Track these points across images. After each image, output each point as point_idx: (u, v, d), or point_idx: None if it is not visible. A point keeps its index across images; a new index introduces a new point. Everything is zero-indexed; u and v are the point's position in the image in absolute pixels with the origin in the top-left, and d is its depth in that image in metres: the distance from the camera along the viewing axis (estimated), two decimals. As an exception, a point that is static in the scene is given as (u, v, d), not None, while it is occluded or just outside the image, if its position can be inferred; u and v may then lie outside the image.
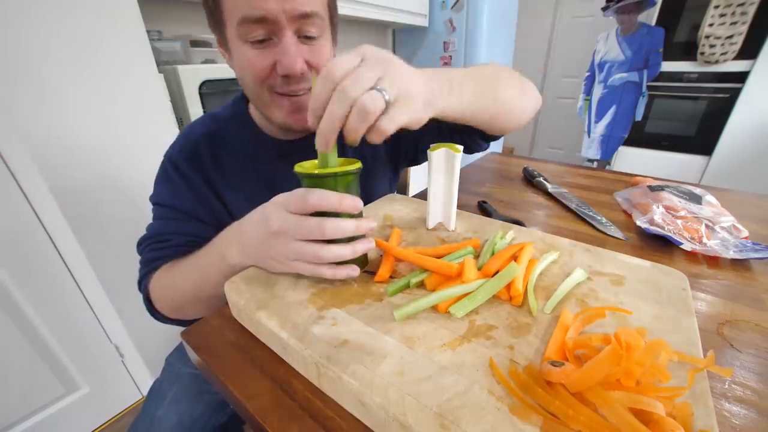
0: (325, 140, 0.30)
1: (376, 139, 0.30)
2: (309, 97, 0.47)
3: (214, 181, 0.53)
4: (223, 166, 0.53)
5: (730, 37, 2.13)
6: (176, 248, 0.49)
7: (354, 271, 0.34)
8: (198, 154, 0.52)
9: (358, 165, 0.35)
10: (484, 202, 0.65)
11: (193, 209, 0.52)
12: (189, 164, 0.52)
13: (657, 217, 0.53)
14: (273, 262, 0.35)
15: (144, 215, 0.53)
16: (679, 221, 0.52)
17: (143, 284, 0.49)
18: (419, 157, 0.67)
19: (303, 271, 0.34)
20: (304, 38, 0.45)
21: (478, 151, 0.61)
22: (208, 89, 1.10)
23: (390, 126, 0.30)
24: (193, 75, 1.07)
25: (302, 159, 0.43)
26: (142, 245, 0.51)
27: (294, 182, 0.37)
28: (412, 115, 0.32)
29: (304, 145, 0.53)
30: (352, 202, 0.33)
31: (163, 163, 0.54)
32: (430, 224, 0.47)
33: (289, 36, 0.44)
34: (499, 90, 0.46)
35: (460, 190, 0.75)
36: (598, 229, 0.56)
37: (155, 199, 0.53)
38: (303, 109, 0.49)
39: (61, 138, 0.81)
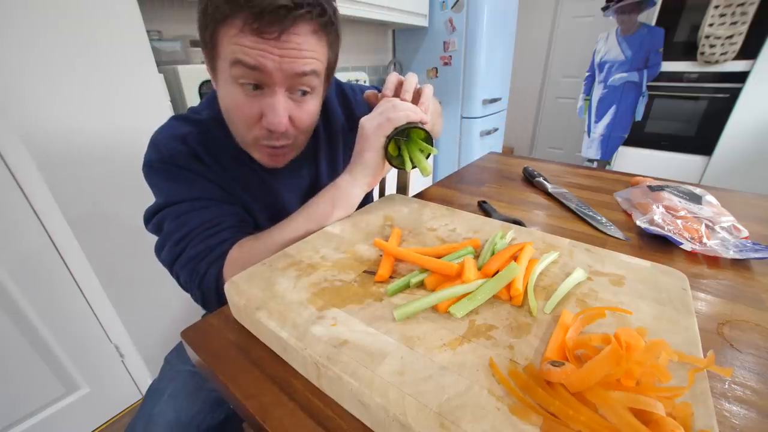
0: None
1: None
2: (289, 148, 0.52)
3: (214, 172, 0.52)
4: (215, 164, 0.52)
5: (730, 37, 2.13)
6: (233, 229, 0.47)
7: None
8: (193, 149, 0.50)
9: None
10: (484, 202, 0.65)
11: (221, 196, 0.51)
12: (190, 159, 0.50)
13: (657, 217, 0.53)
14: (378, 128, 0.47)
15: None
16: (679, 221, 0.52)
17: (209, 275, 0.44)
18: None
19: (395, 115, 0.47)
20: (297, 94, 0.46)
21: None
22: (208, 89, 1.10)
23: None
24: (193, 75, 1.07)
25: (284, 165, 0.54)
26: (186, 240, 0.46)
27: (276, 188, 0.51)
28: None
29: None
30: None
31: (153, 169, 0.49)
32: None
33: (279, 93, 0.44)
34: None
35: (460, 190, 0.75)
36: (598, 229, 0.56)
37: (166, 200, 0.48)
38: (281, 156, 0.52)
39: (61, 138, 0.81)
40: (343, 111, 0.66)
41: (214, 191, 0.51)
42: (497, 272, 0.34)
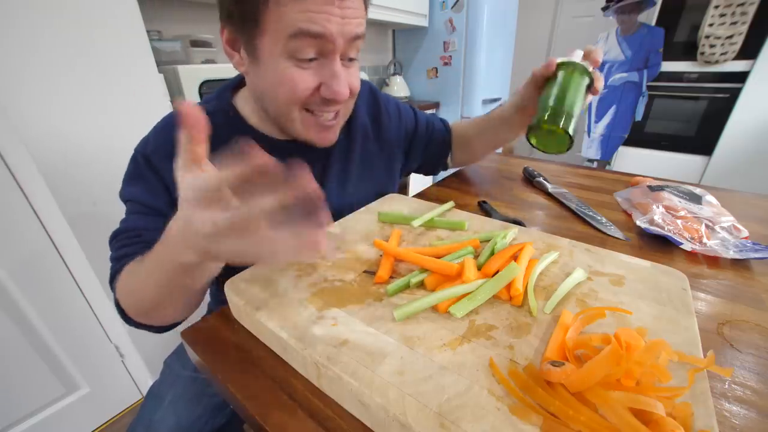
0: None
1: None
2: (340, 117, 0.50)
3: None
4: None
5: (730, 37, 2.13)
6: (147, 244, 0.44)
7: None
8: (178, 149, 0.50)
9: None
10: (484, 202, 0.65)
11: (167, 208, 0.49)
12: (167, 162, 0.47)
13: (657, 217, 0.53)
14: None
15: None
16: (679, 221, 0.52)
17: (115, 281, 0.44)
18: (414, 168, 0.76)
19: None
20: (346, 60, 0.45)
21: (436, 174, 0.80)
22: (208, 89, 1.10)
23: None
24: (193, 75, 1.07)
25: (292, 156, 0.45)
26: (114, 240, 0.47)
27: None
28: None
29: (294, 144, 0.52)
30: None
31: (134, 158, 0.50)
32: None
33: (338, 60, 0.43)
34: None
35: (460, 190, 0.75)
36: (598, 229, 0.56)
37: (127, 196, 0.50)
38: (330, 129, 0.50)
39: (61, 138, 0.81)
40: (370, 119, 0.64)
41: (162, 202, 0.49)
42: (497, 272, 0.34)
